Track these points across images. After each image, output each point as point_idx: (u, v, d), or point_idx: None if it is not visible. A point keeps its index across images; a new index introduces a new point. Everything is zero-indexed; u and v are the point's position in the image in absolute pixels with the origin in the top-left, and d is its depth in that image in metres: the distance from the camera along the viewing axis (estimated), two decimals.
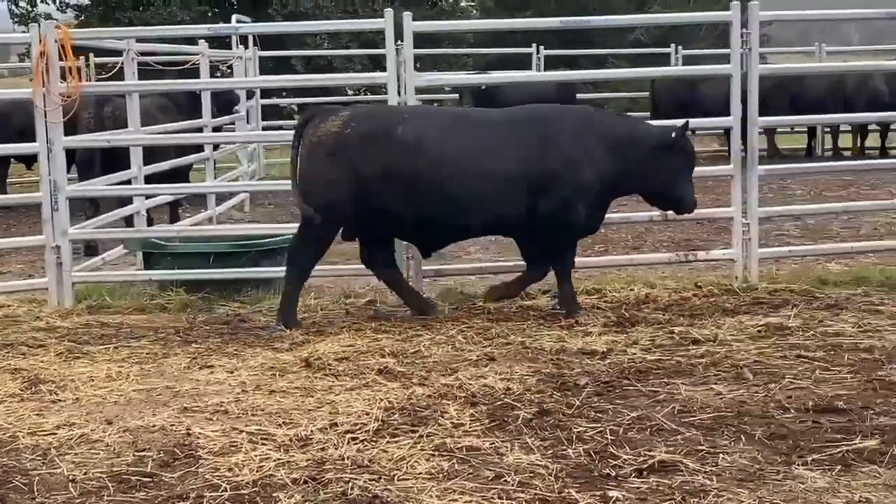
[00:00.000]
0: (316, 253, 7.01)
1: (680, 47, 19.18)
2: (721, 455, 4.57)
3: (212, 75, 13.91)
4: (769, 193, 12.20)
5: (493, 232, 7.68)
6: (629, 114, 10.06)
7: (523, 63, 19.90)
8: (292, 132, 7.08)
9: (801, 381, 5.55)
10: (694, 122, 7.70)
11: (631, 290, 7.74)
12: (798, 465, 4.45)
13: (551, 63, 19.39)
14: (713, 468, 4.44)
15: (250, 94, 15.01)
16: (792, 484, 4.26)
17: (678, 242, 10.07)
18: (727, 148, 18.03)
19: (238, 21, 15.75)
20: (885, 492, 4.17)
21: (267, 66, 17.84)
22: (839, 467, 4.41)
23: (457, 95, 17.85)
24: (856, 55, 22.31)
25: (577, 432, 4.88)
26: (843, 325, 6.65)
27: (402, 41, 7.62)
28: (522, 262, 7.37)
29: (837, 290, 7.58)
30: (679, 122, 7.21)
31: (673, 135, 7.02)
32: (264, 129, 16.13)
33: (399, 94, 7.66)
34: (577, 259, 7.33)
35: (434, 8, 26.16)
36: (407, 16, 7.66)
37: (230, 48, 15.47)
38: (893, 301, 7.24)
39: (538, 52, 19.00)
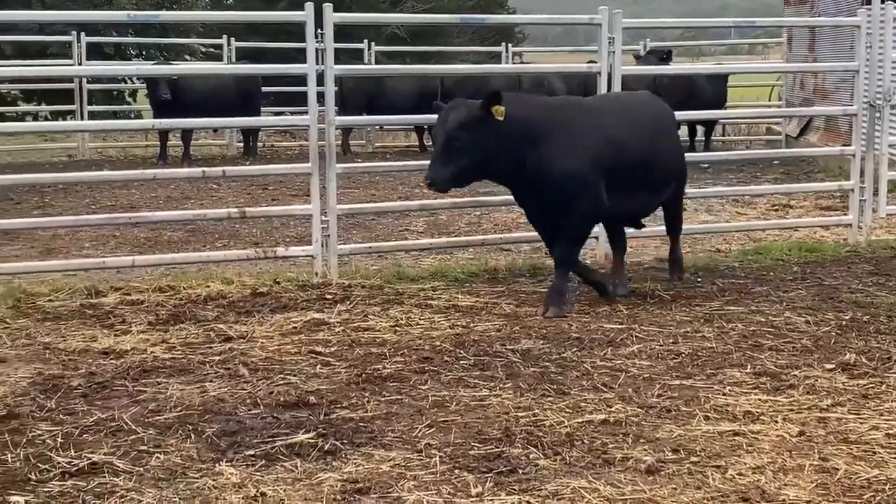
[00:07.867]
0: None
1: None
2: (156, 455, 4.59)
3: None
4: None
5: None
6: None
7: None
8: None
9: (294, 378, 5.64)
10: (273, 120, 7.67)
11: (207, 286, 7.74)
12: (225, 461, 4.51)
13: None
14: (140, 468, 4.45)
15: None
16: (204, 481, 4.31)
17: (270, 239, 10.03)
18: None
19: None
20: (290, 485, 4.28)
21: None
22: (262, 462, 4.51)
23: None
24: None
25: (33, 436, 4.81)
26: (381, 320, 6.82)
27: None
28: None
29: (409, 286, 7.78)
30: None
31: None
32: None
33: None
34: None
35: None
36: None
37: None
38: (449, 295, 7.47)
39: (229, 44, 18.87)
